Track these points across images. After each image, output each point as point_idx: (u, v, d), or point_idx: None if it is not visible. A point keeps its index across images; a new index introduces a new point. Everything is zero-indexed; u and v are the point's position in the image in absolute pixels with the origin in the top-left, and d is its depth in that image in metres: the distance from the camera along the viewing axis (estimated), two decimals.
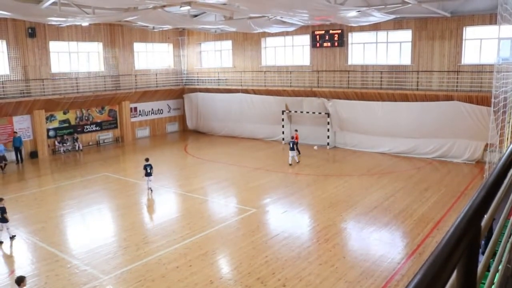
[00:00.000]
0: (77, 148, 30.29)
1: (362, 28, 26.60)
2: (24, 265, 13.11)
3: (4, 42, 26.95)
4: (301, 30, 29.16)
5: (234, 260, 12.95)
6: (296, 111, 29.65)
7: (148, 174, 19.65)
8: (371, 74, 27.24)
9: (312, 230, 15.09)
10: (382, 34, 27.03)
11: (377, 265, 12.08)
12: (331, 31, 28.37)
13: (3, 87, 26.54)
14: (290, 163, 24.16)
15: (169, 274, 11.93)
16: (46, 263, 12.98)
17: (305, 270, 11.91)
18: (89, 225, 16.35)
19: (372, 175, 21.73)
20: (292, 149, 24.00)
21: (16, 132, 27.37)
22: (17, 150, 27.15)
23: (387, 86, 26.30)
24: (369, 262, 12.31)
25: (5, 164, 24.72)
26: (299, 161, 24.60)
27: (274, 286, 11.08)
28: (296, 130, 26.94)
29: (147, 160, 20.17)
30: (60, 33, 29.25)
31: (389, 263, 12.17)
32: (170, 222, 16.21)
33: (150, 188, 19.93)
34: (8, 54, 27.10)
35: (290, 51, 31.49)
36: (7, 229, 14.93)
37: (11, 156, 27.07)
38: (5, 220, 14.82)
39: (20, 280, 10.30)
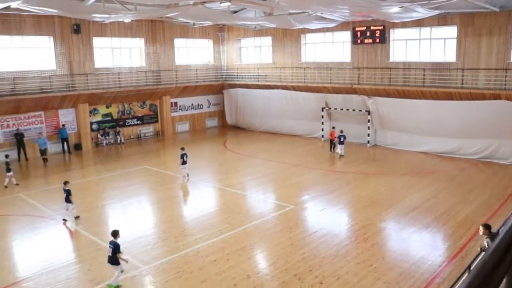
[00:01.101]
0: (118, 141, 31.09)
1: (404, 24, 26.05)
2: (69, 252, 13.62)
3: (51, 38, 27.91)
4: (341, 26, 28.84)
5: (271, 255, 13.00)
6: (335, 108, 29.40)
7: (184, 163, 20.95)
8: (413, 71, 26.67)
9: (350, 228, 14.97)
10: (425, 31, 26.40)
11: (417, 267, 11.87)
12: (372, 27, 27.95)
13: (50, 81, 27.52)
14: (341, 154, 24.83)
15: (207, 267, 12.11)
16: (89, 250, 13.45)
17: (342, 268, 11.84)
18: (130, 216, 16.77)
19: (414, 175, 21.31)
20: (341, 143, 24.73)
21: (64, 125, 28.47)
22: (64, 141, 28.30)
23: (430, 84, 25.69)
24: (408, 263, 12.12)
25: (45, 159, 25.38)
26: (339, 154, 24.97)
27: (311, 283, 11.07)
28: (334, 128, 26.70)
29: (182, 149, 21.24)
30: (103, 29, 30.04)
31: (429, 265, 11.93)
32: (209, 216, 16.43)
33: (187, 174, 21.12)
34: (54, 50, 28.06)
35: (330, 48, 31.21)
36: (72, 209, 16.02)
37: (57, 148, 28.15)
38: (69, 201, 15.85)
39: (115, 233, 11.36)
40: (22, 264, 12.99)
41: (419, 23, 25.49)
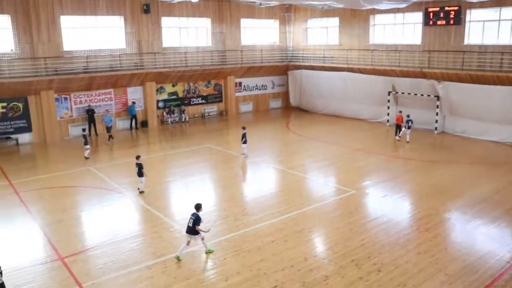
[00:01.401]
0: (183, 119, 31.89)
1: (482, 5, 24.57)
2: (133, 225, 14.26)
3: (122, 18, 28.88)
4: (413, 6, 27.67)
5: (329, 239, 12.95)
6: (403, 93, 28.45)
7: (245, 142, 21.56)
8: (489, 55, 25.20)
9: (412, 217, 14.58)
10: (506, 11, 24.74)
11: (483, 261, 11.39)
12: (446, 8, 26.59)
13: (120, 60, 28.57)
14: (407, 140, 24.31)
15: (265, 247, 12.26)
16: (152, 225, 14.00)
17: (402, 257, 11.59)
18: (192, 193, 17.22)
19: (483, 165, 20.31)
20: (408, 127, 24.28)
21: (134, 102, 29.64)
22: (133, 118, 29.51)
23: (508, 69, 24.19)
24: (473, 257, 11.64)
25: (111, 136, 26.43)
26: (399, 139, 24.59)
27: (369, 270, 10.94)
28: (400, 112, 25.86)
29: (244, 128, 21.84)
30: (171, 9, 30.66)
31: (496, 261, 11.41)
32: (269, 196, 16.57)
33: (245, 153, 21.75)
34: (125, 29, 29.05)
35: (400, 29, 30.11)
36: (141, 183, 16.80)
37: (125, 124, 29.40)
38: (141, 175, 16.63)
39: (198, 207, 11.95)
40: (90, 234, 13.77)
41: (499, 2, 23.99)
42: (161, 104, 31.46)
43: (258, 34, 36.30)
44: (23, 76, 25.36)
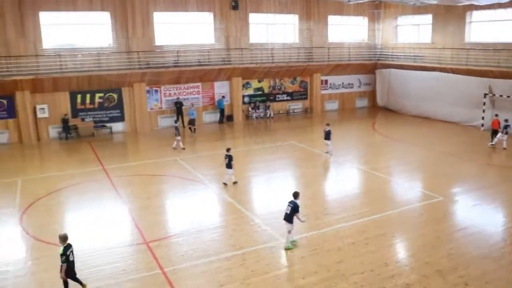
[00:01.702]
0: (268, 115, 32.16)
1: None
2: (215, 216, 14.62)
3: (212, 14, 29.68)
4: None
5: (413, 246, 12.41)
6: (501, 95, 26.58)
7: (327, 138, 21.25)
8: None
9: (506, 230, 13.53)
10: None
11: None
12: None
13: (208, 55, 29.37)
14: (504, 147, 22.63)
15: (345, 248, 12.02)
16: (233, 217, 14.25)
17: (494, 272, 10.82)
18: (274, 189, 17.31)
19: None
20: (506, 133, 22.76)
21: (224, 96, 30.43)
22: (221, 111, 30.27)
23: None
24: None
25: (195, 129, 27.31)
26: (494, 145, 22.94)
27: (455, 283, 10.33)
28: (497, 115, 24.12)
29: (328, 125, 21.55)
30: (259, 5, 31.00)
31: None
32: (351, 197, 16.23)
33: (329, 152, 21.34)
34: (214, 25, 29.82)
35: (500, 26, 28.06)
36: (226, 174, 17.11)
37: (211, 118, 30.26)
38: (230, 167, 16.91)
39: (296, 194, 12.22)
40: (173, 221, 14.33)
41: None
42: (246, 99, 31.95)
43: (346, 31, 35.63)
44: (118, 69, 26.94)
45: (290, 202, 12.00)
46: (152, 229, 13.45)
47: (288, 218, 11.88)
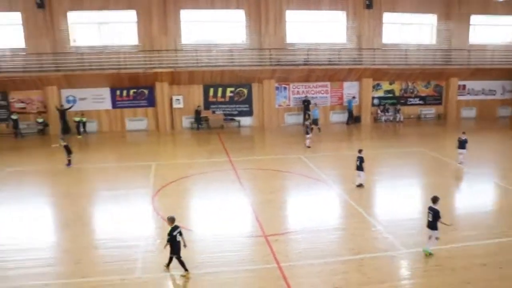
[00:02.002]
0: (397, 119, 30.96)
1: None
2: (335, 217, 14.42)
3: (344, 13, 29.29)
4: None
5: None
6: None
7: (461, 147, 19.87)
8: None
9: None
10: None
11: None
12: None
13: (339, 54, 29.06)
14: None
15: (473, 269, 11.07)
16: (354, 221, 13.91)
17: None
18: (399, 196, 16.56)
19: None
20: None
21: (354, 97, 29.99)
22: (350, 112, 29.83)
23: None
24: None
25: (319, 128, 27.09)
26: None
27: None
28: None
29: (463, 133, 20.14)
30: (394, 4, 29.94)
31: None
32: (484, 214, 14.91)
33: (462, 162, 19.94)
34: (346, 24, 29.39)
35: None
36: (358, 176, 16.91)
37: (339, 118, 29.94)
38: (361, 169, 16.76)
39: (435, 199, 11.73)
40: (293, 218, 14.41)
41: None
42: (376, 101, 31.09)
43: (491, 32, 32.80)
44: (250, 65, 27.85)
45: (430, 209, 11.60)
46: (272, 223, 13.68)
47: (432, 225, 11.47)
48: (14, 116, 27.55)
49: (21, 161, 22.04)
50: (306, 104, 28.81)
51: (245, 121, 29.19)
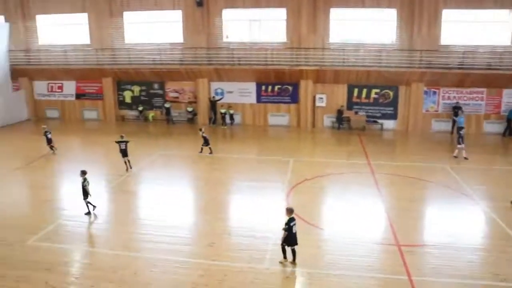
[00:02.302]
0: None
1: None
2: (477, 237, 13.21)
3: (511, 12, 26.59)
4: None
5: None
6: None
7: None
8: None
9: None
10: None
11: None
12: None
13: (500, 58, 26.41)
14: None
15: None
16: (501, 243, 12.54)
17: None
18: None
19: None
20: None
21: None
22: (510, 122, 26.74)
23: None
24: None
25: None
26: None
27: None
28: None
29: None
30: None
31: None
32: None
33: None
34: None
35: None
36: None
37: (493, 128, 27.35)
38: None
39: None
40: (431, 231, 13.51)
41: None
42: None
43: None
44: (398, 66, 26.77)
45: None
46: (407, 233, 13.04)
47: None
48: (167, 105, 30.34)
49: (170, 146, 24.16)
50: (456, 111, 26.79)
51: (388, 124, 28.15)
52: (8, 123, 30.11)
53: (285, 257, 11.18)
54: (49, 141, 22.33)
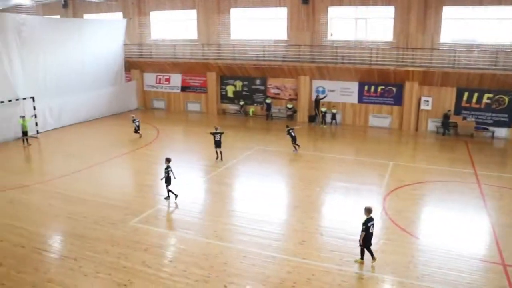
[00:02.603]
0: None
1: None
2: None
3: None
4: None
5: None
6: None
7: None
8: None
9: None
10: None
11: None
12: None
13: None
14: None
15: None
16: None
17: None
18: None
19: None
20: None
21: None
22: None
23: None
24: None
25: None
26: None
27: None
28: None
29: None
30: None
31: None
32: None
33: None
34: None
35: None
36: None
37: None
38: None
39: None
40: None
41: None
42: None
43: None
44: None
45: None
46: None
47: None
48: (268, 100, 30.78)
49: (268, 141, 24.47)
50: None
51: (500, 132, 26.05)
52: (119, 112, 32.42)
53: (362, 257, 11.15)
54: (137, 128, 24.70)
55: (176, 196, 15.40)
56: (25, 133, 23.32)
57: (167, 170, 15.24)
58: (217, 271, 10.78)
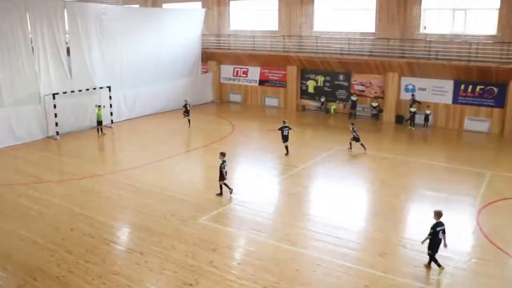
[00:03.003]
0: None
1: None
2: None
3: None
4: None
5: None
6: None
7: None
8: None
9: None
10: None
11: None
12: None
13: None
14: None
15: None
16: None
17: None
18: None
19: None
20: None
21: None
22: None
23: None
24: None
25: None
26: None
27: None
28: None
29: None
30: None
31: None
32: None
33: None
34: None
35: None
36: None
37: None
38: None
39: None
40: None
41: None
42: None
43: None
44: None
45: None
46: None
47: None
48: (353, 97, 29.99)
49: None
50: None
51: None
52: (194, 104, 33.09)
53: (439, 265, 10.85)
54: (187, 112, 26.50)
55: (231, 190, 15.60)
56: (99, 123, 24.55)
57: (222, 165, 15.35)
58: (287, 278, 10.62)
